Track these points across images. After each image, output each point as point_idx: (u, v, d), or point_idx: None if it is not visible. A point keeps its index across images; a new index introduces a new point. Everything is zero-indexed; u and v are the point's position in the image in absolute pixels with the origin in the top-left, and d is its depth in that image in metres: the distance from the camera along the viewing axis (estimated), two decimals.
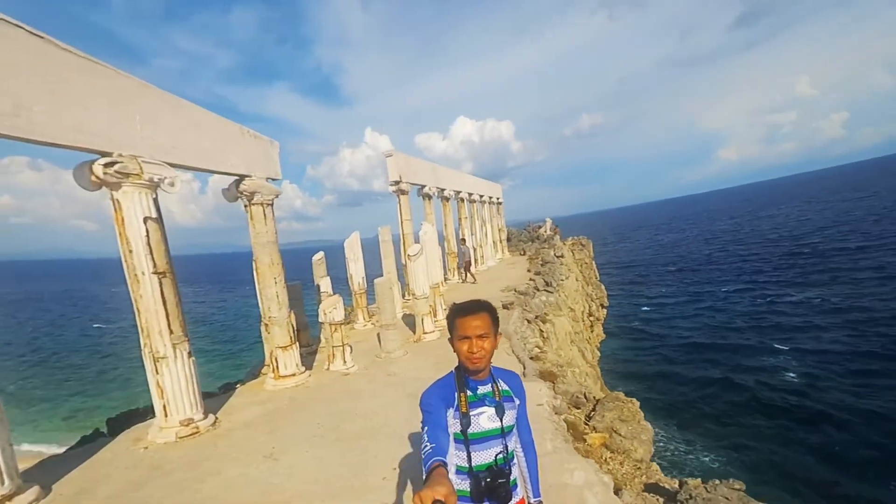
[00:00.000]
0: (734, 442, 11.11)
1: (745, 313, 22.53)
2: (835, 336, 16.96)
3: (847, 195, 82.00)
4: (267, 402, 5.50)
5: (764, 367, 15.42)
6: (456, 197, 17.51)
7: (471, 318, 1.61)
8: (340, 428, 4.57)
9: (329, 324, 6.98)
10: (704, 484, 3.33)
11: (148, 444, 4.48)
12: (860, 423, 11.03)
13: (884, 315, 18.13)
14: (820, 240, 39.76)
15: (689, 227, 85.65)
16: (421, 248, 9.15)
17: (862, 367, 14.01)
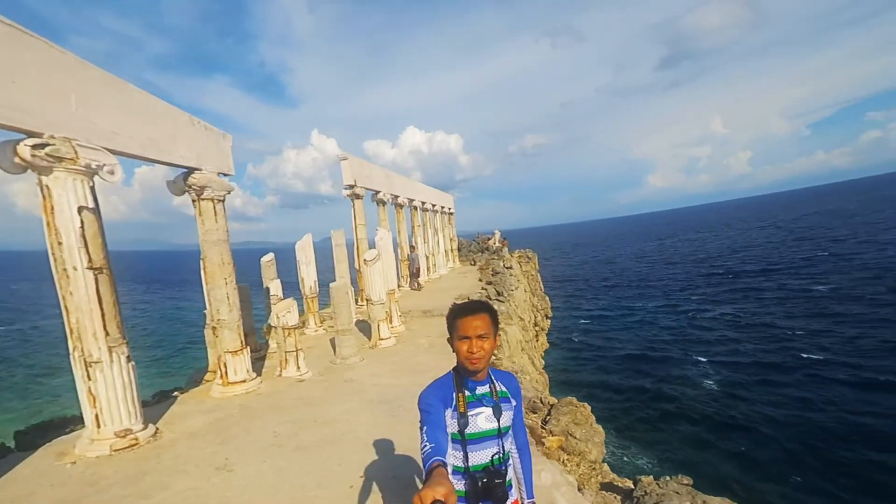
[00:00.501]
0: (663, 445, 12.07)
1: (670, 327, 24.52)
2: (745, 348, 18.96)
3: (752, 224, 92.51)
4: (215, 411, 5.12)
5: (687, 376, 16.87)
6: (409, 205, 17.56)
7: (471, 318, 1.61)
8: (299, 436, 4.37)
9: (282, 328, 6.67)
10: (657, 480, 3.59)
11: (76, 458, 3.98)
12: (765, 425, 12.44)
13: (784, 330, 20.61)
14: (732, 262, 44.41)
15: (621, 245, 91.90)
16: (378, 253, 9.05)
17: (766, 377, 15.78)
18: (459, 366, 1.70)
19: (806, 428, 12.03)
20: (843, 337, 18.33)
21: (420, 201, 18.62)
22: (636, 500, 3.40)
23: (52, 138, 4.17)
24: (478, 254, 23.55)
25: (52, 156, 4.13)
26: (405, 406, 4.99)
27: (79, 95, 4.51)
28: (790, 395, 14.06)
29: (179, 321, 37.28)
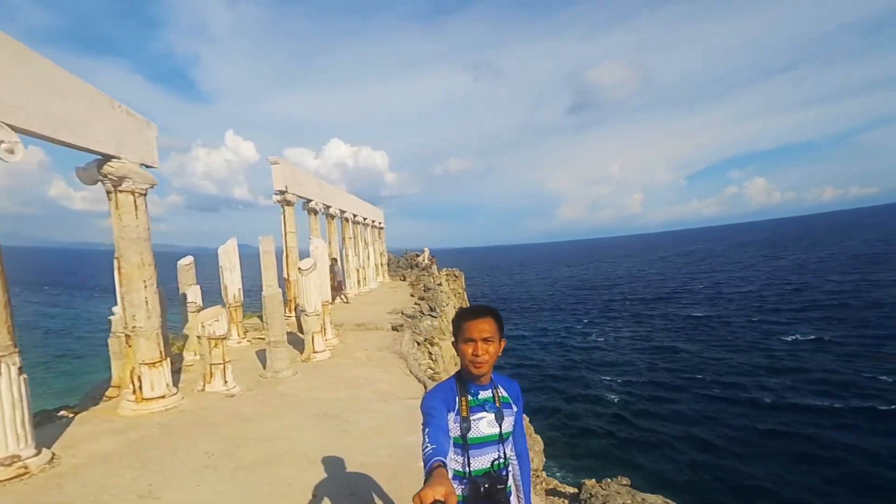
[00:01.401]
0: (586, 453, 13.14)
1: (579, 347, 26.66)
2: (639, 368, 21.30)
3: (644, 258, 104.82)
4: (127, 431, 4.43)
5: (596, 392, 18.48)
6: (341, 216, 17.15)
7: (478, 321, 1.61)
8: (237, 455, 3.98)
9: (208, 338, 6.05)
10: (599, 483, 3.89)
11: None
12: (659, 435, 14.05)
13: (667, 350, 23.60)
14: (628, 290, 49.82)
15: (535, 270, 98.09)
16: (314, 262, 8.70)
17: (655, 393, 17.86)
18: (463, 369, 1.70)
19: (693, 433, 13.93)
20: (713, 357, 21.48)
21: (352, 213, 18.26)
22: (583, 502, 3.64)
23: None
24: (407, 270, 23.53)
25: None
26: (352, 420, 4.81)
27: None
28: (679, 408, 16.10)
29: (45, 330, 31.48)
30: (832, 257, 57.09)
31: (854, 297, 30.95)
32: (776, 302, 32.92)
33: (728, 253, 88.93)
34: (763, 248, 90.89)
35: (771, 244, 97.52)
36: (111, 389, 5.87)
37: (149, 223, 6.00)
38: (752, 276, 49.35)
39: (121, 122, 5.82)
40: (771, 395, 15.96)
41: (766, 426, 13.72)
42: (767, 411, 14.67)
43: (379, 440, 4.31)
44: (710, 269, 63.22)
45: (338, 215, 16.72)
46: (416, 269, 23.17)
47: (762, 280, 44.88)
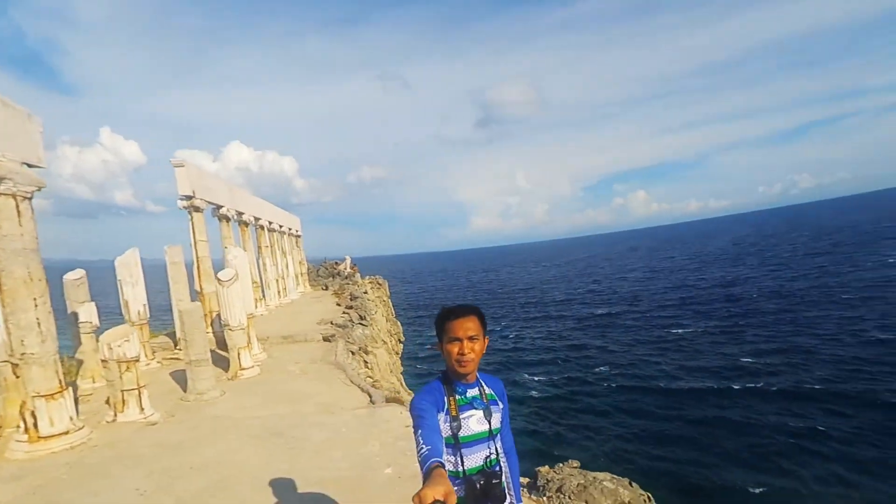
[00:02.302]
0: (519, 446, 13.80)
1: (498, 348, 27.93)
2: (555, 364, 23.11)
3: (554, 262, 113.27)
4: (25, 476, 3.69)
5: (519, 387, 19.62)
6: (255, 223, 16.05)
7: (462, 320, 1.62)
8: (177, 488, 3.56)
9: (118, 361, 5.29)
10: (552, 468, 4.20)
11: None
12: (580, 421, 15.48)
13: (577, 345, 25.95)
14: (540, 292, 53.44)
15: (453, 277, 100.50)
16: (235, 272, 8.09)
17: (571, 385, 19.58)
18: (449, 369, 1.70)
19: (608, 416, 15.79)
20: (617, 349, 24.10)
21: (267, 220, 17.18)
22: (541, 488, 3.91)
23: None
24: (329, 279, 22.65)
25: None
26: (300, 436, 4.57)
27: None
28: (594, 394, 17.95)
29: None
30: (698, 259, 67.39)
31: (720, 290, 36.98)
32: (660, 298, 37.91)
33: (621, 257, 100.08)
34: (647, 251, 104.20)
35: (652, 249, 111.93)
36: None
37: (36, 231, 5.13)
38: (641, 276, 56.28)
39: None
40: (665, 378, 18.51)
41: (661, 402, 16.07)
42: (662, 394, 16.96)
43: (334, 453, 4.16)
44: (606, 271, 70.64)
45: (252, 222, 15.63)
46: (339, 277, 22.43)
47: (649, 280, 51.45)
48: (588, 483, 3.76)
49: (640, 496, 3.62)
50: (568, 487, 3.74)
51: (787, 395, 15.17)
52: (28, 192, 5.08)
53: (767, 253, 60.60)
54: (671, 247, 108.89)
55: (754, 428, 13.28)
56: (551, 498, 3.73)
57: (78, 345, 7.03)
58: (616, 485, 3.70)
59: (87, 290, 7.60)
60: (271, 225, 17.66)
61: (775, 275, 40.75)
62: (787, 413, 13.92)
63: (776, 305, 28.58)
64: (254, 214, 15.64)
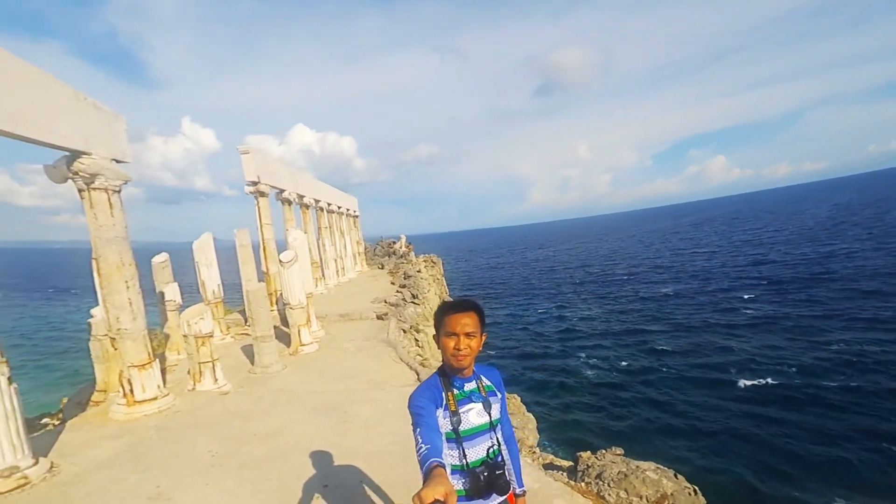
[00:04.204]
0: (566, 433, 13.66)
1: (556, 326, 27.46)
2: (612, 345, 22.19)
3: (616, 237, 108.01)
4: (123, 435, 4.36)
5: (575, 368, 19.25)
6: (315, 205, 16.83)
7: (460, 315, 1.61)
8: (241, 453, 4.00)
9: (195, 336, 5.94)
10: (594, 454, 4.16)
11: None
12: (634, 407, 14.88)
13: (638, 327, 24.63)
14: (601, 269, 51.37)
15: (509, 253, 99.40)
16: (295, 254, 8.60)
17: (630, 368, 18.75)
18: (445, 364, 1.70)
19: (660, 403, 14.83)
20: (681, 332, 22.59)
21: (326, 202, 17.94)
22: (581, 474, 3.89)
23: None
24: (384, 258, 23.43)
25: None
26: (351, 412, 4.89)
27: None
28: (653, 378, 17.05)
29: (19, 334, 29.78)
30: (788, 231, 60.36)
31: (812, 268, 32.57)
32: (737, 276, 34.71)
33: (694, 230, 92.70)
34: (725, 223, 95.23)
35: (732, 220, 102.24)
36: (97, 394, 5.70)
37: (125, 221, 5.79)
38: (715, 251, 51.70)
39: (88, 116, 5.53)
40: (734, 369, 16.90)
41: (729, 395, 14.71)
42: (730, 386, 15.52)
43: (381, 429, 4.42)
44: (676, 246, 65.78)
45: (312, 205, 16.41)
46: (394, 256, 23.11)
47: (725, 255, 47.09)
48: (630, 471, 3.68)
49: (684, 488, 3.49)
50: (608, 475, 3.69)
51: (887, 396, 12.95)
52: (117, 186, 5.72)
53: (875, 223, 52.43)
54: (755, 217, 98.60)
55: (843, 435, 11.44)
56: (590, 484, 3.70)
57: (165, 321, 7.97)
58: (659, 475, 3.59)
59: (170, 271, 8.52)
60: (330, 206, 18.44)
61: (886, 249, 35.01)
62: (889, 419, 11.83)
63: (884, 286, 24.47)
64: (314, 197, 16.40)
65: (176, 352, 7.36)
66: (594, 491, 3.61)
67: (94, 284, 5.42)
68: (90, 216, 5.41)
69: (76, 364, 19.76)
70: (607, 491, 3.54)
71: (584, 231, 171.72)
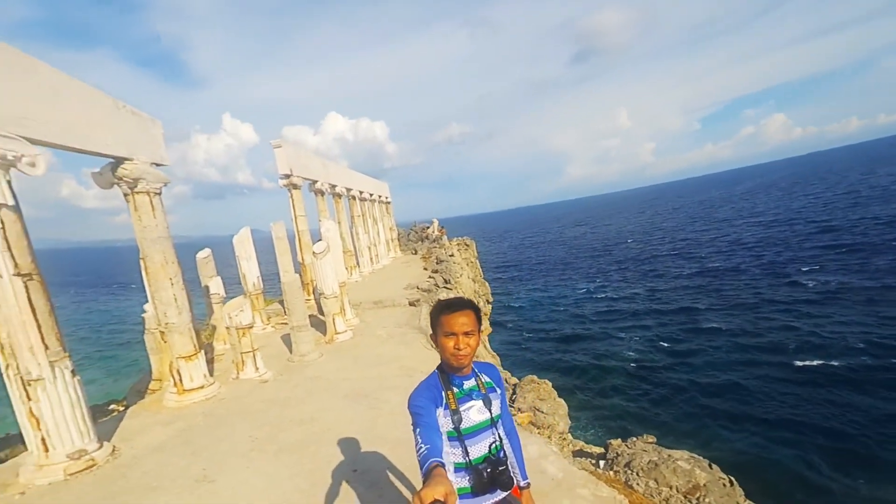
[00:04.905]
0: (610, 413, 13.48)
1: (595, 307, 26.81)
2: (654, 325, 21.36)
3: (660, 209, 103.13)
4: (174, 421, 4.75)
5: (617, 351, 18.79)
6: (347, 194, 17.13)
7: (457, 314, 1.62)
8: (279, 438, 4.25)
9: (236, 328, 6.29)
10: (625, 442, 4.08)
11: (23, 488, 3.51)
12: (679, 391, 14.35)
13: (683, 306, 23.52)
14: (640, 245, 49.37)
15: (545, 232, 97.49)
16: (327, 245, 8.82)
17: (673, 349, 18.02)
18: (444, 363, 1.71)
19: (706, 387, 14.12)
20: (731, 311, 21.33)
21: (358, 190, 18.23)
22: (610, 462, 3.84)
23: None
24: (417, 243, 23.66)
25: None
26: (383, 398, 5.04)
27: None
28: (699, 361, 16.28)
29: (89, 327, 32.84)
30: (856, 193, 54.84)
31: (879, 236, 29.57)
32: (796, 246, 32.19)
33: (747, 197, 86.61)
34: (783, 189, 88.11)
35: (791, 185, 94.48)
36: (153, 383, 6.21)
37: (167, 221, 6.14)
38: (771, 221, 48.04)
39: (127, 123, 5.85)
40: (791, 348, 15.73)
41: (785, 378, 13.68)
42: (786, 367, 14.43)
43: (407, 416, 4.53)
44: (726, 216, 61.75)
45: (344, 194, 16.71)
46: (427, 241, 23.27)
47: (782, 224, 43.67)
48: (660, 461, 3.58)
49: (718, 479, 3.36)
50: (637, 463, 3.62)
51: None
52: (158, 189, 6.05)
53: None
54: (819, 180, 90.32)
55: None
56: (618, 472, 3.64)
57: (211, 313, 8.48)
58: (692, 465, 3.47)
59: (213, 265, 9.01)
60: (362, 194, 18.74)
61: None
62: None
63: None
64: (345, 186, 16.69)
65: (222, 342, 7.84)
66: (622, 480, 3.55)
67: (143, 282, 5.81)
68: (135, 218, 5.78)
69: (137, 354, 21.51)
70: (636, 480, 3.48)
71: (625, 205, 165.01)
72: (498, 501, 1.69)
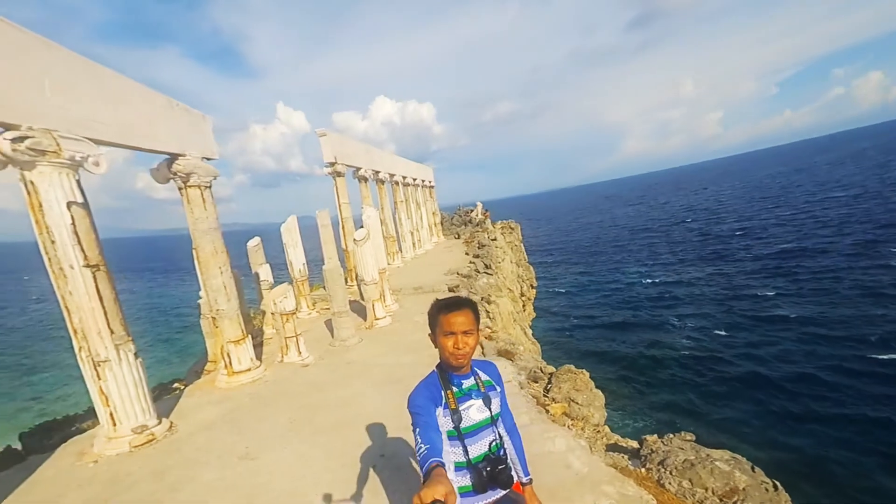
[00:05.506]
0: (656, 406, 12.91)
1: (646, 292, 25.55)
2: (714, 313, 19.87)
3: (725, 186, 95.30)
4: (224, 401, 5.15)
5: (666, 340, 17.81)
6: (391, 180, 17.32)
7: (455, 314, 1.62)
8: (315, 421, 4.48)
9: (280, 314, 6.65)
10: (661, 438, 3.88)
11: (96, 457, 3.99)
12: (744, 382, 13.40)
13: (747, 292, 21.69)
14: (704, 224, 46.02)
15: (596, 213, 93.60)
16: (367, 232, 9.01)
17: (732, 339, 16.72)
18: (443, 362, 1.72)
19: (769, 381, 13.00)
20: (805, 300, 19.33)
21: (401, 176, 18.38)
22: (643, 458, 3.68)
23: (30, 130, 3.94)
24: (461, 227, 23.63)
25: (33, 149, 3.92)
26: (413, 385, 5.11)
27: (51, 82, 4.22)
28: (763, 353, 15.02)
29: (158, 310, 36.36)
30: None
31: None
32: (888, 223, 28.55)
33: (830, 169, 77.66)
34: (876, 158, 77.72)
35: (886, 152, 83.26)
36: (208, 364, 6.76)
37: (217, 213, 6.53)
38: (858, 195, 42.67)
39: (180, 120, 6.23)
40: (873, 338, 14.10)
41: (863, 372, 12.37)
42: (864, 361, 12.99)
43: None
44: (805, 190, 55.78)
45: (387, 179, 16.92)
46: (470, 225, 23.17)
47: (870, 199, 38.80)
48: (698, 460, 3.38)
49: (761, 483, 3.11)
50: (672, 462, 3.43)
51: None
52: (208, 182, 6.44)
53: None
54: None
55: None
56: (650, 470, 3.48)
57: (261, 299, 9.02)
58: (732, 466, 3.24)
59: (262, 253, 9.54)
60: (405, 179, 18.89)
61: None
62: None
63: None
64: (388, 171, 16.88)
65: (271, 327, 8.34)
66: (654, 478, 3.40)
67: (196, 270, 6.28)
68: (188, 210, 6.20)
69: (197, 337, 23.54)
70: (668, 479, 3.31)
71: (687, 181, 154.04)
72: (500, 498, 1.69)
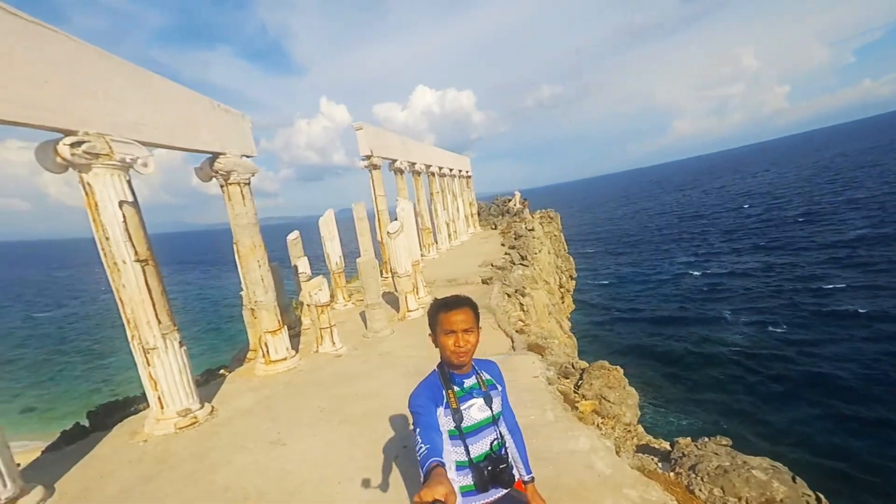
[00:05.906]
0: (696, 406, 12.24)
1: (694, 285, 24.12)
2: (770, 306, 18.40)
3: (788, 168, 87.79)
4: (261, 389, 5.45)
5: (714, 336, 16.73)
6: (426, 171, 17.35)
7: (455, 312, 1.63)
8: (344, 411, 4.63)
9: (315, 306, 6.90)
10: (694, 442, 3.69)
11: (146, 437, 4.37)
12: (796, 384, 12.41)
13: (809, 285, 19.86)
14: (759, 211, 42.66)
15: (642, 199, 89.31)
16: (400, 224, 9.10)
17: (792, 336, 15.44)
18: (444, 361, 1.72)
19: (834, 383, 11.95)
20: (876, 289, 17.58)
21: (437, 167, 18.36)
22: (674, 462, 3.51)
23: (86, 135, 4.27)
24: (498, 217, 23.38)
25: (89, 153, 4.25)
26: None
27: (105, 89, 4.55)
28: (827, 351, 13.82)
29: (210, 300, 38.89)
30: None
31: None
32: None
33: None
34: None
35: None
36: (250, 353, 7.15)
37: (255, 209, 6.83)
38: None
39: (221, 120, 6.54)
40: None
41: None
42: None
43: None
44: (883, 170, 50.27)
45: (423, 171, 16.95)
46: (508, 215, 22.86)
47: None
48: (732, 467, 3.17)
49: (802, 495, 2.87)
50: (703, 467, 3.25)
51: None
52: (247, 179, 6.73)
53: None
54: None
55: None
56: (680, 475, 3.32)
57: (299, 290, 9.39)
58: (770, 476, 3.02)
59: (300, 246, 9.90)
60: (441, 170, 18.87)
61: None
62: None
63: None
64: (424, 163, 16.91)
65: (308, 318, 8.68)
66: (683, 483, 3.24)
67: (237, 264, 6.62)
68: (229, 206, 6.52)
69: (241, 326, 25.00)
70: (699, 486, 3.14)
71: (746, 162, 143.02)
72: (502, 497, 1.70)
